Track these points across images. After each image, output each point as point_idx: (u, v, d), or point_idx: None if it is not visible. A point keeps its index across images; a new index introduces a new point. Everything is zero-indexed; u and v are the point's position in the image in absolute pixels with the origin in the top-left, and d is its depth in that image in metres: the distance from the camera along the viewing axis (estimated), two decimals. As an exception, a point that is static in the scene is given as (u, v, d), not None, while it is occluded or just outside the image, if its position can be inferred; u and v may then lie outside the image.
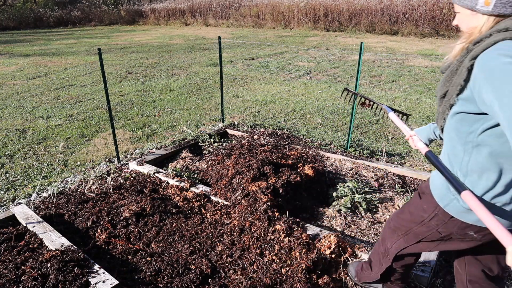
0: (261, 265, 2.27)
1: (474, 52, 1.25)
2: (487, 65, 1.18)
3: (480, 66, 1.21)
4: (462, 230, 1.43)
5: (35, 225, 2.67)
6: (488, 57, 1.19)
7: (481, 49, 1.23)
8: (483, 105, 1.20)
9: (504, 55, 1.14)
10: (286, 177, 3.09)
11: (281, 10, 17.88)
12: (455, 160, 1.41)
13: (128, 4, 24.70)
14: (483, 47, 1.23)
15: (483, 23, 1.30)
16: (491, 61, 1.17)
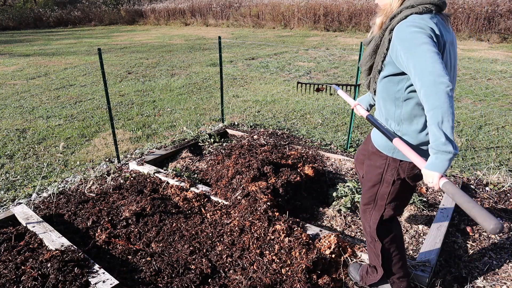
0: (261, 265, 2.27)
1: (391, 25, 1.57)
2: (400, 35, 1.50)
3: (396, 36, 1.52)
4: (411, 170, 1.69)
5: (35, 225, 2.67)
6: (401, 28, 1.51)
7: (396, 22, 1.55)
8: (401, 67, 1.54)
9: (412, 25, 1.47)
10: (286, 177, 3.09)
11: (281, 10, 17.88)
12: (389, 114, 1.71)
13: (128, 4, 24.70)
14: (397, 20, 1.55)
15: (393, 0, 1.61)
16: (402, 31, 1.50)
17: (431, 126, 1.37)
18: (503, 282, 2.24)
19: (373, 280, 2.08)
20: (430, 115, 1.37)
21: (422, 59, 1.40)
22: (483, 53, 10.35)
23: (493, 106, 5.63)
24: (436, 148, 1.36)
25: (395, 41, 1.53)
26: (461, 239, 2.65)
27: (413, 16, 1.50)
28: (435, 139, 1.36)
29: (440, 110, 1.33)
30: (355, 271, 2.24)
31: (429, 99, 1.36)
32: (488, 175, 3.54)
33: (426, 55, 1.40)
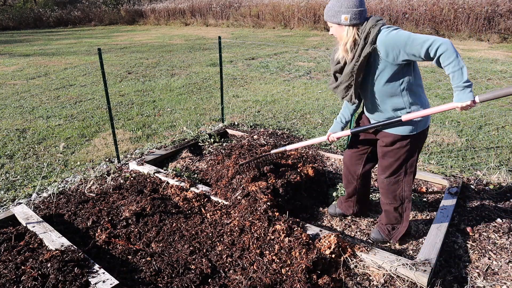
0: (261, 265, 2.27)
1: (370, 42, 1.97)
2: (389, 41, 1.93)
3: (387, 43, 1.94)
4: (424, 133, 2.24)
5: (35, 225, 2.67)
6: (386, 37, 1.94)
7: (373, 38, 1.97)
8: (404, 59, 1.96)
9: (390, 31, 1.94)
10: (286, 177, 3.09)
11: (281, 10, 17.88)
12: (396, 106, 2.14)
13: (128, 4, 24.70)
14: (374, 36, 1.96)
15: (347, 31, 2.07)
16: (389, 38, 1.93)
17: (454, 72, 1.84)
18: (503, 282, 2.24)
19: (400, 234, 2.50)
20: (452, 65, 1.82)
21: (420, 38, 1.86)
22: (483, 53, 10.35)
23: (493, 106, 5.63)
24: (462, 85, 1.85)
25: (388, 47, 1.95)
26: (461, 239, 2.65)
27: (384, 28, 1.97)
28: (459, 80, 1.85)
29: (457, 62, 1.81)
30: (378, 234, 2.57)
31: (447, 57, 1.82)
32: (488, 175, 3.54)
33: (418, 35, 1.89)
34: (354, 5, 2.01)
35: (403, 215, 2.45)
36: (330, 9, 2.08)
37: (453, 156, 4.01)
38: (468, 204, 3.07)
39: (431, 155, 4.01)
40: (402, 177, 2.34)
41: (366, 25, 2.01)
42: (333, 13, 2.07)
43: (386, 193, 2.42)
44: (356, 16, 2.02)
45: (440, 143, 4.36)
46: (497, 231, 2.71)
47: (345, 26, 2.06)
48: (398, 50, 1.93)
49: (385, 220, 2.54)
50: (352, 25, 2.04)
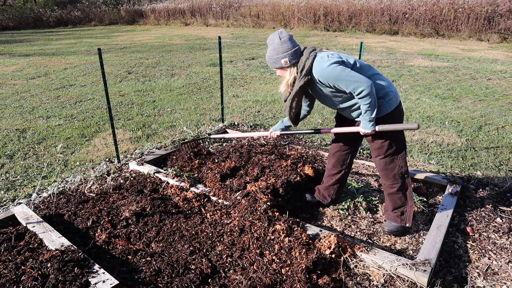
0: (261, 265, 2.27)
1: (305, 74, 2.31)
2: (323, 74, 2.27)
3: (321, 75, 2.28)
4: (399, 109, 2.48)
5: (35, 225, 2.67)
6: (320, 70, 2.27)
7: (308, 70, 2.30)
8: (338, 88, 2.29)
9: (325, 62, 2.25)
10: (286, 177, 3.09)
11: (281, 10, 17.88)
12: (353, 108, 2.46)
13: (128, 4, 24.70)
14: (308, 68, 2.29)
15: (289, 70, 2.39)
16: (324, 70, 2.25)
17: (366, 110, 2.28)
18: (503, 282, 2.24)
19: (411, 215, 2.59)
20: (367, 104, 2.26)
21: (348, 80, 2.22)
22: (483, 53, 10.35)
23: (493, 106, 5.63)
24: (369, 119, 2.32)
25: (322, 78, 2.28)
26: (461, 239, 2.65)
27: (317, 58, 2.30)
28: (368, 116, 2.31)
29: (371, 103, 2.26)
30: (390, 225, 2.64)
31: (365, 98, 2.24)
32: (488, 175, 3.54)
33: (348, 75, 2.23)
34: (288, 48, 2.31)
35: (407, 193, 2.57)
36: (270, 57, 2.38)
37: (453, 156, 4.01)
38: (468, 204, 3.07)
39: (431, 155, 4.01)
40: (397, 153, 2.50)
41: (301, 59, 2.33)
42: (274, 60, 2.37)
43: (386, 175, 2.55)
44: (292, 56, 2.33)
45: (440, 143, 4.36)
46: (497, 231, 2.71)
47: (287, 68, 2.38)
48: (330, 82, 2.27)
49: (391, 206, 2.63)
50: (292, 65, 2.36)
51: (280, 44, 2.31)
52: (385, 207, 2.71)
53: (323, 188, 2.92)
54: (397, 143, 2.49)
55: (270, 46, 2.37)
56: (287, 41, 2.32)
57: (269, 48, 2.38)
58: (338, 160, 2.79)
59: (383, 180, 2.62)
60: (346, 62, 2.28)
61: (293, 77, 2.38)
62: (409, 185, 2.57)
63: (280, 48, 2.32)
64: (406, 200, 2.59)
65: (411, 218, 2.60)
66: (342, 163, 2.79)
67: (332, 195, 2.91)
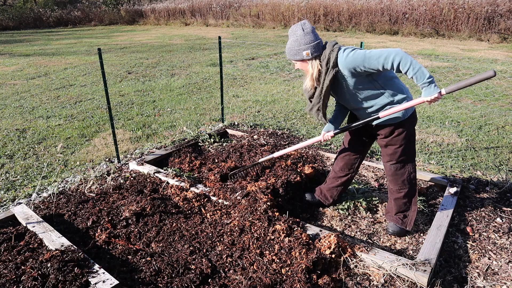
0: (261, 265, 2.27)
1: (332, 66, 2.21)
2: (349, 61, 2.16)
3: (347, 64, 2.17)
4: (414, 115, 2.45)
5: (35, 225, 2.67)
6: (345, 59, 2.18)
7: (334, 62, 2.20)
8: (367, 71, 2.18)
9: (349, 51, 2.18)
10: (286, 177, 3.09)
11: (281, 10, 17.88)
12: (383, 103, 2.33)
13: (128, 4, 24.70)
14: (334, 61, 2.20)
15: (311, 63, 2.30)
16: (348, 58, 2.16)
17: (415, 74, 2.05)
18: (503, 282, 2.24)
19: (413, 219, 2.60)
20: (411, 69, 2.05)
21: (374, 55, 2.10)
22: (483, 53, 10.35)
23: (493, 106, 5.63)
24: (427, 82, 2.07)
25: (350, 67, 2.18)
26: (461, 239, 2.65)
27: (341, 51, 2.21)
28: (422, 80, 2.06)
29: (413, 65, 2.04)
30: (395, 227, 2.63)
31: (404, 65, 2.05)
32: (488, 175, 3.54)
33: (372, 51, 2.12)
34: (311, 40, 2.24)
35: (412, 199, 2.57)
36: (291, 49, 2.31)
37: (453, 156, 4.01)
38: (468, 204, 3.07)
39: (431, 155, 4.01)
40: (407, 160, 2.50)
41: (325, 52, 2.25)
42: (295, 52, 2.29)
43: (395, 180, 2.55)
44: (315, 49, 2.25)
45: (440, 143, 4.36)
46: (497, 231, 2.71)
47: (308, 60, 2.30)
48: (359, 67, 2.16)
49: (395, 210, 2.63)
50: (314, 58, 2.28)
51: (303, 35, 2.24)
52: (388, 209, 2.70)
53: (326, 189, 2.90)
54: (410, 149, 2.48)
55: (291, 37, 2.29)
56: (310, 33, 2.24)
57: (290, 39, 2.30)
58: (346, 164, 2.76)
59: (391, 184, 2.60)
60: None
61: (317, 70, 2.29)
62: (416, 192, 2.58)
63: (302, 40, 2.24)
64: (410, 205, 2.60)
65: (412, 222, 2.61)
66: (350, 167, 2.77)
67: (335, 197, 2.90)
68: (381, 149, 2.57)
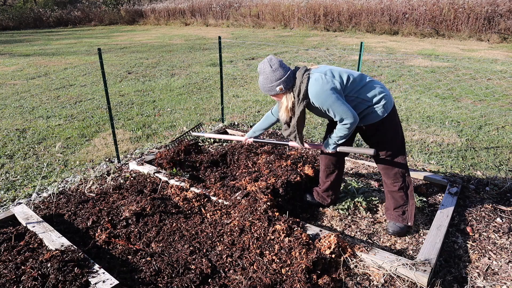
0: (261, 265, 2.27)
1: (302, 98, 2.36)
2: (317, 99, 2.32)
3: (316, 99, 2.33)
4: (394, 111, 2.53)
5: (35, 225, 2.67)
6: (315, 95, 2.32)
7: (304, 94, 2.34)
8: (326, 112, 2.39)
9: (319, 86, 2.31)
10: (286, 177, 3.09)
11: (281, 10, 17.88)
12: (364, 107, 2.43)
13: (128, 4, 24.69)
14: (304, 92, 2.33)
15: (285, 96, 2.44)
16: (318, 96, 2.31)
17: (337, 135, 2.47)
18: (503, 282, 2.24)
19: (412, 213, 2.61)
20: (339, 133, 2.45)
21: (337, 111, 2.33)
22: (483, 53, 10.35)
23: (493, 106, 5.63)
24: (334, 142, 2.51)
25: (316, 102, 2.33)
26: (461, 239, 2.65)
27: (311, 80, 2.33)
28: (334, 139, 2.50)
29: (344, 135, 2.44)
30: (395, 226, 2.64)
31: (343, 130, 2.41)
32: (488, 175, 3.54)
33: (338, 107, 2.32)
34: (281, 75, 2.34)
35: (408, 192, 2.60)
36: (264, 86, 2.40)
37: (453, 156, 4.01)
38: (468, 204, 3.07)
39: (431, 155, 4.01)
40: (397, 153, 2.55)
41: (296, 83, 2.36)
42: (269, 89, 2.39)
43: (387, 174, 2.60)
44: (287, 82, 2.36)
45: (440, 143, 4.36)
46: (497, 231, 2.71)
47: (283, 94, 2.42)
48: (324, 107, 2.34)
49: (392, 205, 2.65)
50: (288, 90, 2.39)
51: (272, 72, 2.33)
52: (386, 206, 2.72)
53: (321, 191, 2.93)
54: (397, 142, 2.54)
55: (262, 75, 2.38)
56: (279, 68, 2.33)
57: (261, 76, 2.39)
58: (329, 160, 2.80)
59: (384, 178, 2.64)
60: (340, 84, 2.32)
61: (291, 102, 2.41)
62: (410, 183, 2.60)
63: (272, 77, 2.34)
64: (408, 199, 2.61)
65: (413, 216, 2.62)
66: (335, 162, 2.79)
67: (331, 196, 2.92)
68: (368, 145, 2.65)
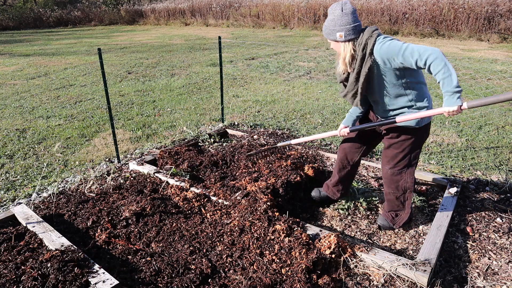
0: (261, 265, 2.27)
1: (369, 52, 2.12)
2: (384, 51, 2.08)
3: (382, 54, 2.09)
4: (427, 128, 2.40)
5: (35, 225, 2.67)
6: (380, 48, 2.09)
7: (370, 48, 2.11)
8: (401, 65, 2.08)
9: (386, 40, 2.10)
10: (286, 177, 3.09)
11: (281, 10, 17.87)
12: (404, 104, 2.28)
13: (128, 4, 24.69)
14: (371, 47, 2.11)
15: (343, 46, 2.23)
16: (384, 48, 2.08)
17: (444, 79, 1.95)
18: (503, 282, 2.24)
19: (403, 220, 2.64)
20: (441, 73, 1.94)
21: (411, 49, 2.00)
22: (483, 53, 10.35)
23: (493, 106, 5.63)
24: (452, 91, 1.96)
25: (384, 57, 2.10)
26: (461, 239, 2.65)
27: (379, 38, 2.12)
28: (448, 87, 1.96)
29: (445, 70, 1.93)
30: (384, 221, 2.69)
31: (436, 65, 1.94)
32: (488, 175, 3.54)
33: (410, 45, 2.02)
34: (347, 23, 2.16)
35: (405, 203, 2.59)
36: (326, 27, 2.25)
37: (453, 156, 4.01)
38: (468, 204, 3.07)
39: (431, 155, 4.01)
40: (406, 168, 2.47)
41: (362, 37, 2.16)
42: (329, 31, 2.24)
43: (389, 183, 2.56)
44: (350, 32, 2.17)
45: (440, 143, 4.36)
46: (497, 231, 2.71)
47: (341, 42, 2.22)
48: (393, 59, 2.08)
49: (388, 207, 2.68)
50: (348, 41, 2.20)
51: (341, 16, 2.16)
52: (383, 205, 2.77)
53: (332, 185, 2.90)
54: (411, 157, 2.44)
55: (329, 16, 2.22)
56: (349, 14, 2.15)
57: (328, 17, 2.24)
58: (345, 156, 2.74)
59: (385, 186, 2.63)
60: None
61: (350, 54, 2.21)
62: (410, 198, 2.57)
63: (339, 20, 2.16)
64: (404, 208, 2.63)
65: (401, 223, 2.66)
66: (349, 160, 2.74)
67: (341, 190, 2.90)
68: (383, 150, 2.56)
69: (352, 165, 2.77)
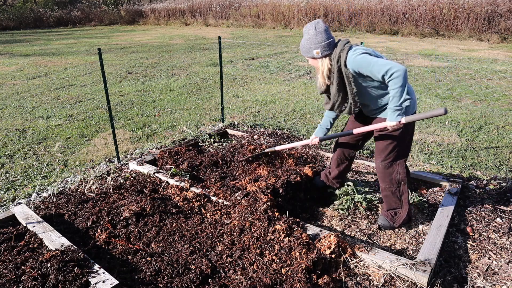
0: (261, 265, 2.27)
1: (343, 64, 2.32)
2: (356, 63, 2.27)
3: (354, 65, 2.29)
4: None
5: (35, 225, 2.67)
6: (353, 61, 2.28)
7: (344, 60, 2.31)
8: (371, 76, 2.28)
9: (357, 53, 2.27)
10: (286, 177, 3.09)
11: (281, 10, 17.88)
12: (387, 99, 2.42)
13: (128, 4, 24.69)
14: (344, 59, 2.30)
15: (321, 62, 2.43)
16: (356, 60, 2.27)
17: (394, 96, 2.22)
18: (503, 282, 2.24)
19: (402, 217, 2.66)
20: (395, 91, 2.20)
21: (379, 64, 2.20)
22: (483, 53, 10.35)
23: (493, 106, 5.63)
24: (394, 108, 2.26)
25: (355, 68, 2.29)
26: (461, 239, 2.65)
27: (351, 51, 2.31)
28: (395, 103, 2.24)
29: (400, 89, 2.19)
30: (385, 220, 2.71)
31: (395, 79, 2.17)
32: (488, 175, 3.54)
33: (379, 61, 2.21)
34: (322, 40, 2.35)
35: (402, 198, 2.65)
36: (303, 46, 2.43)
37: (453, 156, 4.01)
38: (468, 204, 3.07)
39: (431, 155, 4.01)
40: (396, 159, 2.58)
41: (335, 51, 2.36)
42: (306, 50, 2.42)
43: (383, 178, 2.65)
44: (325, 48, 2.37)
45: (440, 143, 4.36)
46: (497, 231, 2.71)
47: (318, 58, 2.42)
48: (363, 71, 2.28)
49: (386, 206, 2.72)
50: (324, 56, 2.40)
51: (315, 34, 2.36)
52: (382, 205, 2.80)
53: (332, 177, 3.05)
54: (400, 149, 2.55)
55: (305, 35, 2.41)
56: (322, 32, 2.35)
57: (304, 36, 2.42)
58: (342, 152, 2.91)
59: (380, 182, 2.69)
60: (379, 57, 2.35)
61: (327, 68, 2.42)
62: (405, 192, 2.64)
63: (314, 39, 2.36)
64: (401, 204, 2.67)
65: (401, 221, 2.68)
66: (346, 155, 2.92)
67: (340, 182, 3.07)
68: (375, 144, 2.66)
69: (349, 159, 2.95)
